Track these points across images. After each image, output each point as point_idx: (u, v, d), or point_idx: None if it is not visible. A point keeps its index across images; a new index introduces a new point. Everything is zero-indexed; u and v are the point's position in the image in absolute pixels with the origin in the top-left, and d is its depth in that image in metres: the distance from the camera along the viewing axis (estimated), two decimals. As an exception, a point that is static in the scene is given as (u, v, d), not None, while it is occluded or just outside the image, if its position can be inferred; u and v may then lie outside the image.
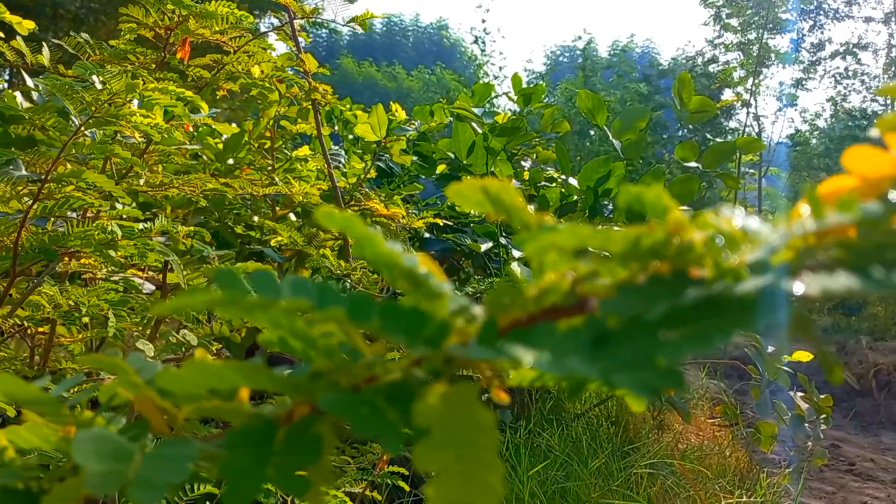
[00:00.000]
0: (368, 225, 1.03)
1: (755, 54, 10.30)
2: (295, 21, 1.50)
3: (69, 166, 1.42)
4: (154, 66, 1.29)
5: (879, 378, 6.13)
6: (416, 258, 0.29)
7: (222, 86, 1.17)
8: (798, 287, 0.22)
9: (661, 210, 0.29)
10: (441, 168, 3.49)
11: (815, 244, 0.24)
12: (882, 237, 0.22)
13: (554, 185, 3.49)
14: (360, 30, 1.33)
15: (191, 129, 2.57)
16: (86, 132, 1.07)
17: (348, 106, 3.92)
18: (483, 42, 14.47)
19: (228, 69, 1.13)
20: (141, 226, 1.09)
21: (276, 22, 1.99)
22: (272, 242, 1.47)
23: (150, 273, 1.26)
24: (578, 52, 15.76)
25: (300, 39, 1.50)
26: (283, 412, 0.31)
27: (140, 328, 0.84)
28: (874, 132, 0.26)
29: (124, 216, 1.13)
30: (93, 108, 0.93)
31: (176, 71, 1.26)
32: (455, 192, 0.32)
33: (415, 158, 3.51)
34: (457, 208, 3.02)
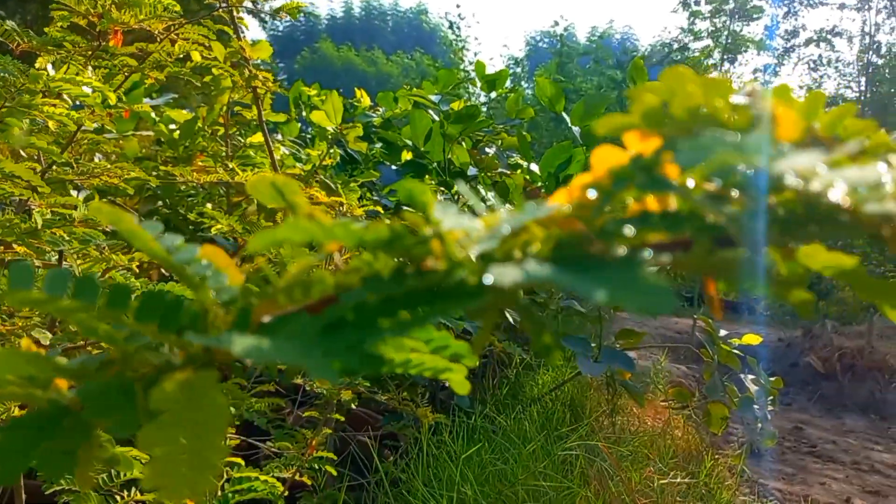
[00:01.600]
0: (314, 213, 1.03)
1: (724, 42, 10.38)
2: (240, 7, 1.50)
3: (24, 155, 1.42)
4: (90, 53, 1.29)
5: (844, 362, 6.24)
6: (193, 251, 0.31)
7: (150, 75, 1.17)
8: (488, 278, 0.24)
9: (422, 205, 0.31)
10: (407, 155, 3.49)
11: (523, 238, 0.25)
12: (575, 233, 0.24)
13: (519, 171, 3.50)
14: (286, 18, 1.33)
15: (154, 115, 2.57)
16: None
17: (315, 91, 3.90)
18: (458, 28, 14.45)
19: (155, 57, 1.13)
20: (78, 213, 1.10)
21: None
22: (213, 230, 1.48)
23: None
24: (557, 38, 15.79)
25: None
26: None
27: (40, 316, 0.85)
28: (599, 130, 0.28)
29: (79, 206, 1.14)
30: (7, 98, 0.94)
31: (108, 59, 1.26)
32: (251, 187, 0.34)
33: (379, 145, 3.51)
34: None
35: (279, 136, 3.46)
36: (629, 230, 0.23)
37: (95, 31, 1.27)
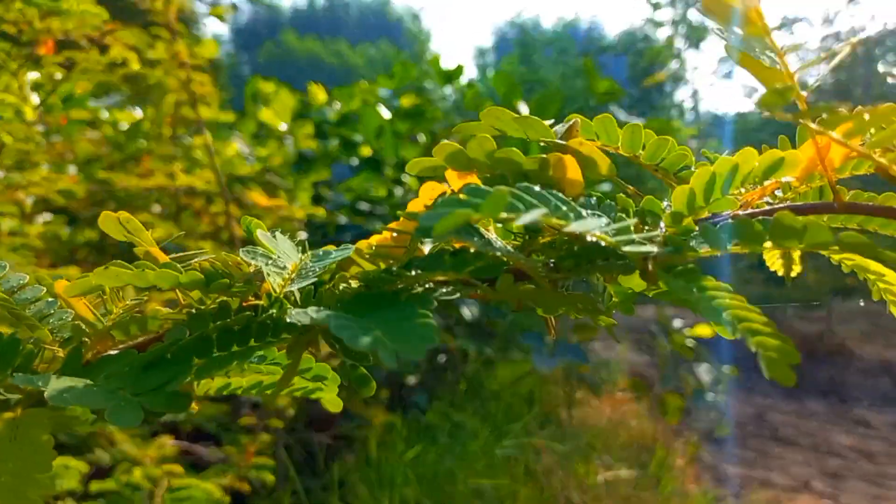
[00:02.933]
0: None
1: (683, 31, 10.49)
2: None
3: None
4: (24, 60, 1.28)
5: (804, 346, 6.36)
6: (39, 289, 0.31)
7: (78, 84, 1.17)
8: (290, 318, 0.25)
9: (256, 241, 0.32)
10: (367, 151, 3.48)
11: (337, 277, 0.27)
12: (380, 270, 0.26)
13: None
14: (244, 11, 1.33)
15: (108, 115, 2.54)
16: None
17: (273, 87, 3.88)
18: (420, 19, 14.42)
19: (84, 66, 1.13)
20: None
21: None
22: (154, 235, 1.47)
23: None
24: (521, 28, 15.81)
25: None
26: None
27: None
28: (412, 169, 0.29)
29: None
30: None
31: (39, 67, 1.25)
32: (102, 221, 0.35)
33: (336, 141, 3.50)
34: (370, 192, 3.04)
35: (241, 134, 3.44)
36: (414, 271, 0.24)
37: (23, 40, 1.26)
